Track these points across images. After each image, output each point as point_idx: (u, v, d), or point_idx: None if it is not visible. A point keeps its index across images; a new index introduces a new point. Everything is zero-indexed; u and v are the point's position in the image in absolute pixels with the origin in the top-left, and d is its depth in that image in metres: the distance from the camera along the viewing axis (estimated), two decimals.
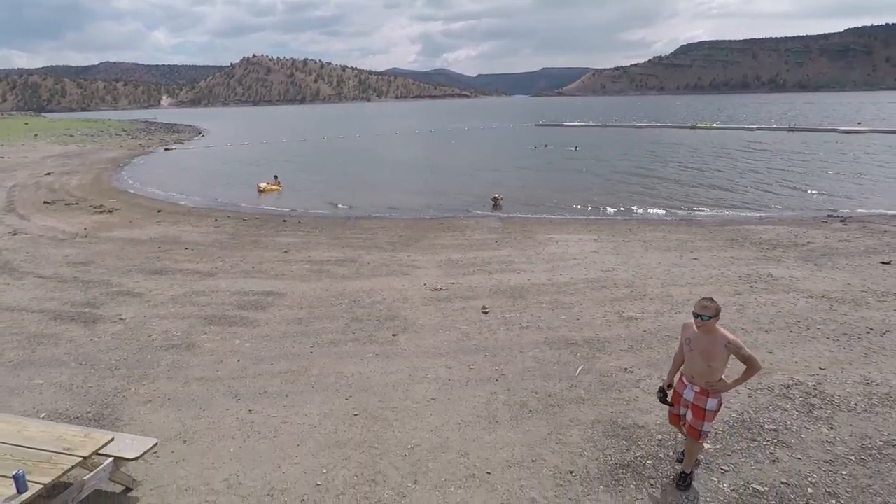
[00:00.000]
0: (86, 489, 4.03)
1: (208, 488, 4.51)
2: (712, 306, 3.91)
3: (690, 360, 4.12)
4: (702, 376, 4.07)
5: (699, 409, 4.11)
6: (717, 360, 3.97)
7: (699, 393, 4.11)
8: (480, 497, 4.34)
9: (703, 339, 4.00)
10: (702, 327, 3.96)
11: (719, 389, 4.08)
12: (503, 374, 6.31)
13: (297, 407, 5.71)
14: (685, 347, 4.15)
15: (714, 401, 4.09)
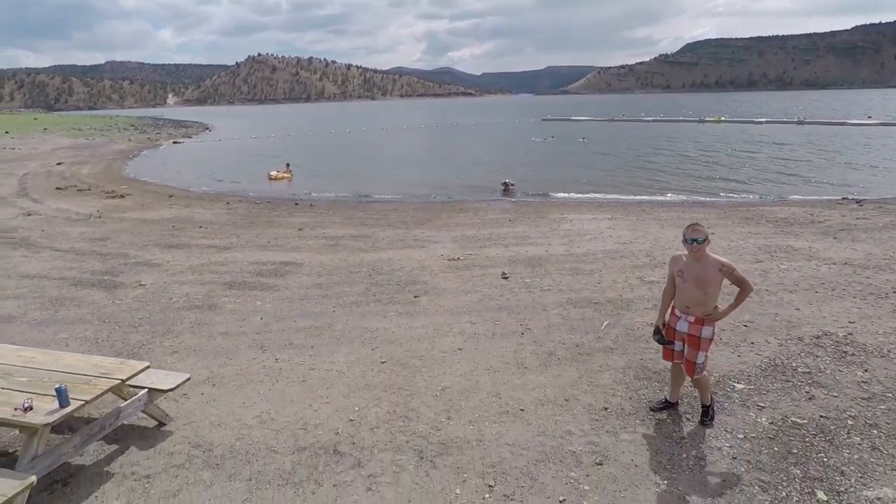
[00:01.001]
0: (122, 416, 4.02)
1: (241, 423, 4.49)
2: (703, 230, 3.86)
3: (684, 291, 4.01)
4: (697, 306, 3.97)
5: (694, 339, 4.02)
6: (712, 285, 3.89)
7: (694, 323, 4.02)
8: (516, 430, 4.31)
9: (696, 267, 3.90)
10: (695, 252, 3.87)
11: (715, 318, 4.00)
12: (528, 328, 6.28)
13: (324, 356, 5.69)
14: (677, 280, 4.05)
15: (709, 328, 4.01)
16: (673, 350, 4.26)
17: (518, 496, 3.58)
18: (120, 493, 3.69)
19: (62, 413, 3.40)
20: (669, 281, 4.19)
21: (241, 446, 4.17)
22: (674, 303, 4.19)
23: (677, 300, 4.14)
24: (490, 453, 4.02)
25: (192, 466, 3.95)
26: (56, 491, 3.74)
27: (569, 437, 4.21)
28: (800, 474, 3.70)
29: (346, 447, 4.15)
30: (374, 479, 3.78)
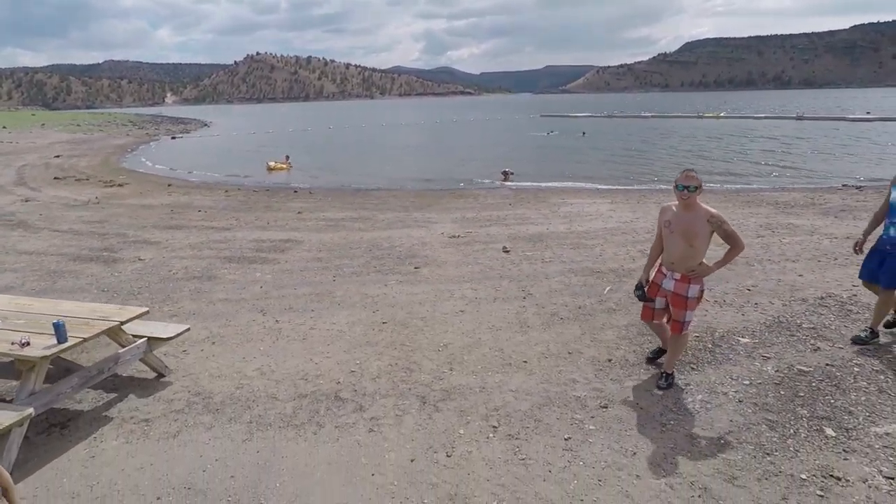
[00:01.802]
0: (121, 362, 3.97)
1: (241, 374, 4.44)
2: (697, 178, 3.69)
3: (671, 244, 3.84)
4: (683, 259, 3.80)
5: (680, 298, 3.86)
6: (700, 238, 3.71)
7: (680, 280, 3.85)
8: (519, 378, 4.26)
9: (685, 218, 3.74)
10: (685, 200, 3.71)
11: (701, 274, 3.82)
12: (530, 293, 6.24)
13: (324, 318, 5.65)
14: (664, 231, 3.87)
15: (696, 287, 3.84)
16: (653, 308, 4.09)
17: (523, 435, 3.54)
18: (119, 434, 3.64)
19: (60, 348, 3.35)
20: (658, 235, 4.02)
21: (241, 394, 4.13)
22: (661, 259, 4.04)
23: (664, 256, 3.96)
24: (493, 399, 3.98)
25: (191, 411, 3.91)
26: (54, 433, 3.69)
27: (573, 384, 4.16)
28: (807, 414, 3.66)
29: (348, 394, 4.10)
30: (376, 422, 3.73)
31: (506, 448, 3.41)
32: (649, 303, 4.10)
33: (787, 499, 2.90)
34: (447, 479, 3.14)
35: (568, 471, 3.19)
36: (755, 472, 3.11)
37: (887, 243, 4.43)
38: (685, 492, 2.98)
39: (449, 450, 3.41)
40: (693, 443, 3.41)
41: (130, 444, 3.54)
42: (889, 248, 4.40)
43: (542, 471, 3.19)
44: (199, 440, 3.56)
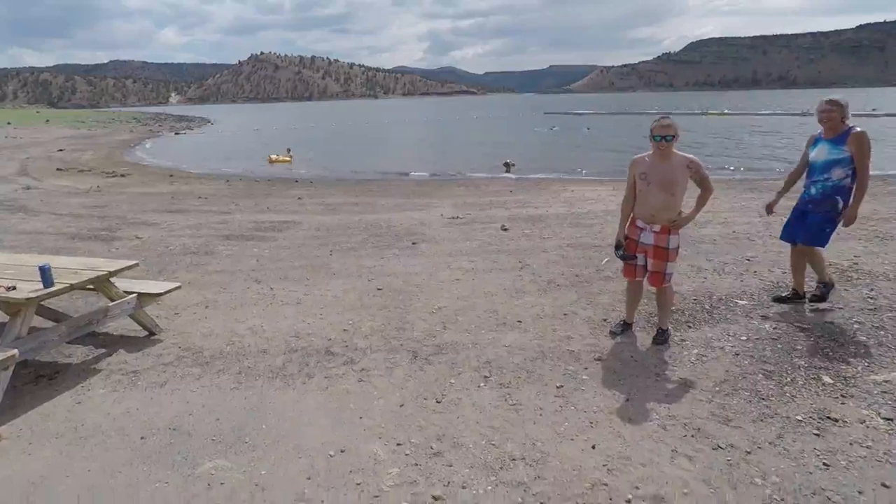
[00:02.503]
0: (110, 315, 3.93)
1: (232, 333, 4.41)
2: (674, 126, 3.60)
3: (648, 196, 3.73)
4: (664, 210, 3.71)
5: (662, 250, 3.79)
6: (678, 186, 3.65)
7: (660, 233, 3.78)
8: (513, 336, 4.21)
9: (662, 167, 3.65)
10: (663, 150, 3.62)
11: (681, 224, 3.75)
12: (527, 264, 6.19)
13: (319, 285, 5.61)
14: (640, 184, 3.76)
15: (675, 237, 3.79)
16: (635, 265, 3.98)
17: (514, 384, 3.48)
18: (106, 384, 3.61)
19: (45, 292, 3.32)
20: (629, 189, 3.90)
21: (232, 350, 4.09)
22: (634, 213, 3.92)
23: (640, 209, 3.85)
24: (486, 353, 3.93)
25: (180, 364, 3.87)
26: (41, 384, 3.66)
27: (567, 340, 4.11)
28: (805, 364, 3.59)
29: (339, 349, 4.06)
30: (366, 373, 3.68)
31: (497, 395, 3.35)
32: (631, 260, 3.99)
33: (783, 437, 2.84)
34: (436, 422, 3.09)
35: (559, 414, 3.13)
36: (750, 415, 3.05)
37: (808, 202, 4.38)
38: (678, 431, 2.92)
39: (439, 397, 3.35)
40: (688, 390, 3.35)
41: (118, 392, 3.51)
42: (811, 207, 4.35)
43: (532, 415, 3.14)
44: (187, 389, 3.52)
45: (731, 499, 2.42)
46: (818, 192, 4.29)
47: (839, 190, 4.18)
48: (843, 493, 2.43)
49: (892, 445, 2.74)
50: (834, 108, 4.13)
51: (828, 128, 4.21)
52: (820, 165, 4.25)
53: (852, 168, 4.12)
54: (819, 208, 4.30)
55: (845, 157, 4.11)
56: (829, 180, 4.21)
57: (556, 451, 2.79)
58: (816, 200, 4.31)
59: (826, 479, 2.52)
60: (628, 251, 3.97)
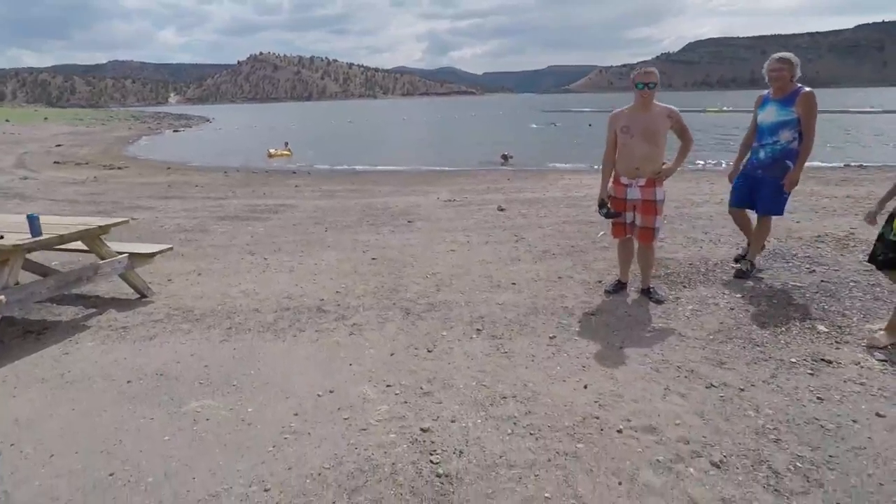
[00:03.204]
0: (100, 273, 3.90)
1: (224, 295, 4.38)
2: (655, 73, 3.59)
3: (632, 148, 3.70)
4: (648, 161, 3.69)
5: (650, 204, 3.76)
6: (661, 135, 3.65)
7: (646, 186, 3.74)
8: (507, 295, 4.18)
9: (643, 118, 3.64)
10: (645, 98, 3.61)
11: (665, 175, 3.74)
12: (523, 237, 6.16)
13: (313, 256, 5.58)
14: (622, 138, 3.73)
15: (661, 189, 3.77)
16: (624, 224, 3.95)
17: (506, 336, 3.45)
18: (95, 338, 3.57)
19: (33, 240, 3.28)
20: (610, 146, 3.85)
21: (223, 309, 4.06)
22: (617, 170, 3.87)
23: (622, 165, 3.80)
24: (479, 309, 3.90)
25: (170, 321, 3.84)
26: (29, 339, 3.62)
27: (561, 298, 4.08)
28: (799, 316, 3.57)
29: (331, 307, 4.03)
30: (357, 327, 3.65)
31: (489, 345, 3.32)
32: (618, 218, 3.95)
33: (776, 377, 2.81)
34: (427, 367, 3.06)
35: (552, 360, 3.10)
36: (744, 359, 3.02)
37: (758, 167, 4.20)
38: (671, 373, 2.89)
39: (430, 347, 3.32)
40: (682, 339, 3.32)
41: (106, 344, 3.47)
42: (760, 173, 4.17)
43: (524, 361, 3.10)
44: (176, 342, 3.49)
45: (724, 429, 2.39)
46: (767, 156, 4.11)
47: (788, 153, 4.03)
48: (836, 422, 2.40)
49: (887, 382, 2.71)
50: (784, 66, 3.94)
51: (777, 87, 4.02)
52: (768, 127, 4.08)
53: (799, 130, 3.97)
54: (769, 173, 4.12)
55: (793, 119, 3.94)
56: (777, 143, 4.04)
57: (548, 391, 2.76)
58: (766, 165, 4.13)
59: (820, 411, 2.49)
60: (615, 209, 3.93)
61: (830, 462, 2.14)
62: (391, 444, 2.34)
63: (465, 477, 2.13)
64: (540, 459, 2.22)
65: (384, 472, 2.16)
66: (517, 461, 2.21)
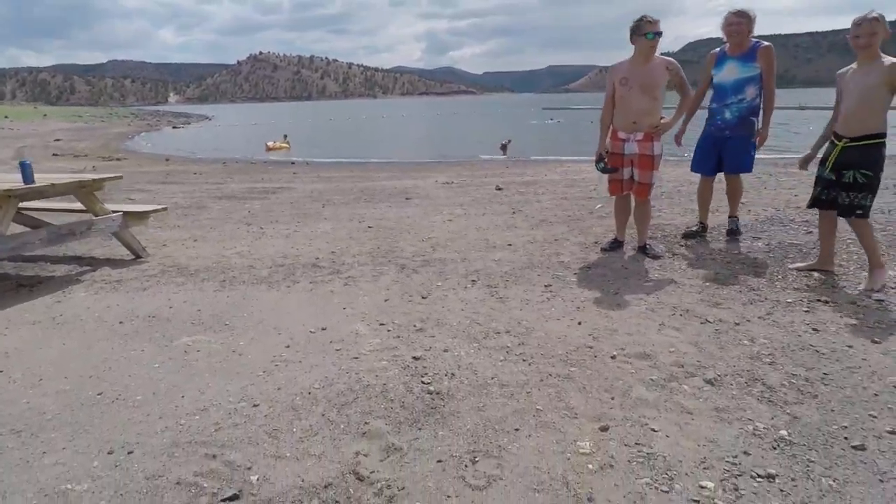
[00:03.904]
0: (94, 229, 3.88)
1: (219, 255, 4.36)
2: (658, 22, 3.59)
3: (630, 100, 3.68)
4: (646, 114, 3.67)
5: (647, 158, 3.74)
6: (659, 88, 3.65)
7: (643, 140, 3.72)
8: (503, 254, 4.17)
9: (643, 70, 3.62)
10: (653, 48, 3.59)
11: (663, 130, 3.72)
12: (520, 210, 6.14)
13: (309, 226, 5.56)
14: (621, 90, 3.70)
15: (659, 144, 3.75)
16: (621, 180, 3.93)
17: (501, 286, 3.43)
18: (88, 290, 3.55)
19: (25, 187, 3.27)
20: (608, 100, 3.84)
21: (218, 266, 4.05)
22: (615, 125, 3.85)
23: (620, 118, 3.78)
24: (475, 266, 3.88)
25: (164, 276, 3.82)
26: (22, 292, 3.60)
27: (557, 255, 4.07)
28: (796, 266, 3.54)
29: (326, 264, 4.01)
30: (352, 279, 3.63)
31: (483, 292, 3.30)
32: (615, 174, 3.93)
33: (772, 314, 2.79)
34: (421, 311, 3.04)
35: (546, 304, 3.08)
36: (740, 300, 3.00)
37: (724, 128, 4.02)
38: (666, 312, 2.88)
39: (425, 294, 3.31)
40: (678, 286, 3.30)
41: (98, 295, 3.46)
42: (728, 133, 4.02)
43: (519, 304, 3.09)
44: (169, 291, 3.47)
45: (719, 355, 2.37)
46: (734, 115, 3.97)
47: (754, 110, 3.94)
48: (831, 347, 2.39)
49: (884, 317, 2.69)
50: (742, 20, 3.82)
51: (735, 42, 3.91)
52: (731, 86, 3.93)
53: (761, 86, 3.88)
54: (737, 132, 3.99)
55: (756, 75, 3.84)
56: (743, 101, 3.92)
57: (542, 327, 2.74)
58: (733, 125, 3.98)
59: (815, 339, 2.47)
60: (613, 165, 3.90)
61: (825, 378, 2.12)
62: (382, 370, 2.32)
63: (457, 394, 2.11)
64: (532, 380, 2.20)
65: (375, 391, 2.15)
66: (509, 381, 2.19)
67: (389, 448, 1.76)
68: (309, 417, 1.97)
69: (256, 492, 1.57)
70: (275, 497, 1.56)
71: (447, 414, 1.96)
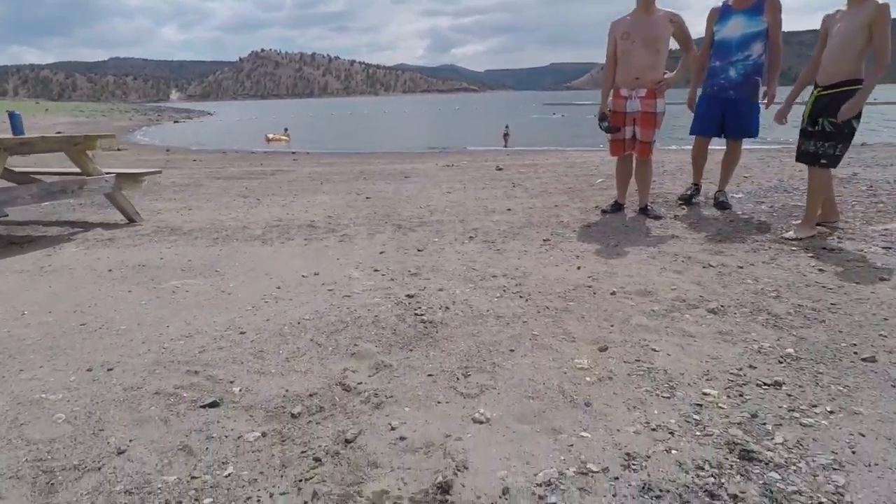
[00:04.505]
0: (86, 189, 3.83)
1: (214, 219, 4.30)
2: None
3: (633, 55, 3.58)
4: (649, 69, 3.58)
5: (650, 116, 3.65)
6: (662, 41, 3.55)
7: (646, 97, 3.63)
8: (502, 216, 4.10)
9: (645, 23, 3.53)
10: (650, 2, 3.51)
11: (665, 87, 3.64)
12: (520, 184, 6.07)
13: (307, 198, 5.50)
14: (623, 45, 3.61)
15: (661, 101, 3.67)
16: (623, 140, 3.84)
17: (499, 241, 3.36)
18: (79, 247, 3.49)
19: (14, 138, 3.21)
20: (610, 59, 3.74)
21: (212, 227, 3.99)
22: (617, 82, 3.75)
23: (622, 74, 3.68)
24: (473, 226, 3.81)
25: (157, 234, 3.76)
26: (13, 249, 3.54)
27: (557, 217, 4.00)
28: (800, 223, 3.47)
29: (322, 224, 3.96)
30: (348, 237, 3.57)
31: (481, 246, 3.24)
32: (617, 133, 3.84)
33: (777, 258, 2.72)
34: (416, 260, 2.97)
35: (545, 254, 3.01)
36: (743, 249, 2.93)
37: (728, 88, 3.78)
38: (667, 259, 2.80)
39: (421, 247, 3.24)
40: (679, 239, 3.23)
41: (90, 250, 3.39)
42: (732, 94, 3.77)
43: (516, 254, 3.02)
44: (161, 246, 3.41)
45: (722, 292, 2.29)
46: (739, 74, 3.74)
47: (759, 69, 3.73)
48: (838, 284, 2.31)
49: (890, 262, 2.61)
50: None
51: None
52: (737, 42, 3.69)
53: (766, 43, 3.67)
54: (741, 93, 3.75)
55: (763, 30, 3.62)
56: (749, 58, 3.69)
57: (540, 272, 2.67)
58: (739, 84, 3.74)
59: (821, 278, 2.40)
60: (615, 123, 3.82)
61: (833, 308, 2.05)
62: (375, 305, 2.26)
63: (451, 323, 2.04)
64: (529, 312, 2.13)
65: (366, 321, 2.08)
66: (505, 314, 2.12)
67: (379, 365, 1.69)
68: (296, 342, 1.90)
69: (238, 400, 1.51)
70: (256, 404, 1.49)
71: (440, 339, 1.90)
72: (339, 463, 1.20)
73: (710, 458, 1.17)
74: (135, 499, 1.11)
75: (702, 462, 1.16)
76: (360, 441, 1.28)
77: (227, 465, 1.21)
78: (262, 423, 1.38)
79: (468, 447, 1.24)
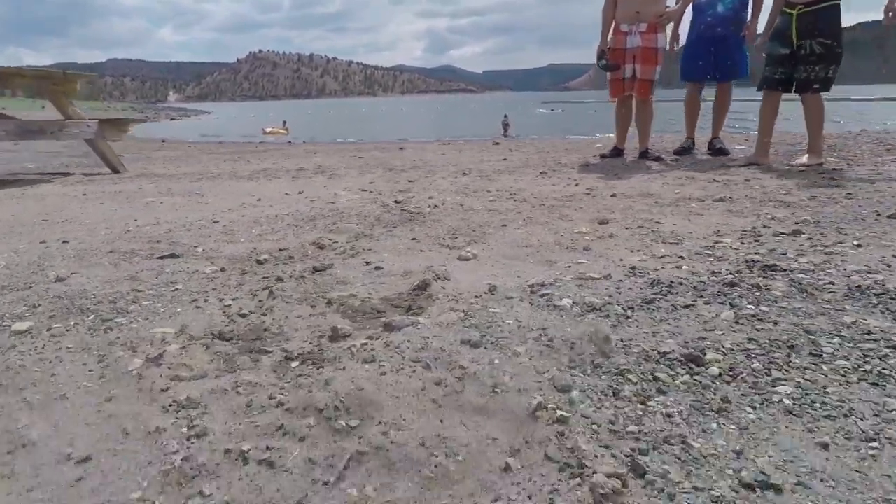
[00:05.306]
0: (66, 132, 3.69)
1: (202, 169, 4.22)
2: None
3: None
4: (650, 2, 3.45)
5: (650, 52, 3.50)
6: None
7: (647, 32, 3.49)
8: (497, 164, 3.96)
9: None
10: None
11: (667, 20, 3.51)
12: (518, 150, 5.95)
13: (299, 159, 5.37)
14: None
15: (662, 36, 3.53)
16: (623, 80, 3.68)
17: (493, 176, 3.23)
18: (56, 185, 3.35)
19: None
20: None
21: (197, 172, 3.90)
22: (617, 17, 3.61)
23: (622, 9, 3.55)
24: (467, 167, 3.69)
25: (141, 178, 3.64)
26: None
27: (555, 160, 3.87)
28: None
29: (311, 170, 3.85)
30: (336, 176, 3.44)
31: (475, 178, 3.11)
32: (617, 71, 3.69)
33: (782, 177, 2.58)
34: (406, 186, 2.84)
35: (541, 180, 2.90)
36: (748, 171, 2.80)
37: (716, 25, 3.63)
38: (670, 178, 2.69)
39: (412, 179, 3.11)
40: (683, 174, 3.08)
41: (67, 186, 3.26)
42: (720, 31, 3.62)
43: (511, 182, 2.89)
44: (143, 182, 3.29)
45: (728, 195, 2.15)
46: (727, 9, 3.60)
47: (745, 4, 3.58)
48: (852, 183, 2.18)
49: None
50: None
51: None
52: None
53: None
54: (728, 29, 3.62)
55: None
56: None
57: (536, 190, 2.53)
58: (727, 19, 3.61)
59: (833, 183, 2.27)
60: (615, 60, 3.68)
61: (848, 196, 1.93)
62: (361, 207, 2.12)
63: (439, 213, 1.90)
64: (523, 208, 1.99)
65: (349, 214, 1.94)
66: (499, 209, 1.98)
67: (359, 235, 1.56)
68: (272, 225, 1.76)
69: (200, 254, 1.37)
70: (220, 256, 1.35)
71: (427, 222, 1.76)
72: (304, 283, 1.06)
73: (727, 269, 1.03)
74: (65, 301, 0.97)
75: (718, 270, 1.02)
76: (330, 271, 1.15)
77: (176, 284, 1.07)
78: (224, 265, 1.24)
79: (452, 271, 1.10)
